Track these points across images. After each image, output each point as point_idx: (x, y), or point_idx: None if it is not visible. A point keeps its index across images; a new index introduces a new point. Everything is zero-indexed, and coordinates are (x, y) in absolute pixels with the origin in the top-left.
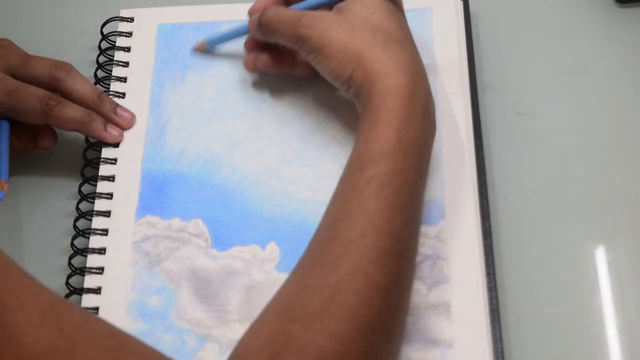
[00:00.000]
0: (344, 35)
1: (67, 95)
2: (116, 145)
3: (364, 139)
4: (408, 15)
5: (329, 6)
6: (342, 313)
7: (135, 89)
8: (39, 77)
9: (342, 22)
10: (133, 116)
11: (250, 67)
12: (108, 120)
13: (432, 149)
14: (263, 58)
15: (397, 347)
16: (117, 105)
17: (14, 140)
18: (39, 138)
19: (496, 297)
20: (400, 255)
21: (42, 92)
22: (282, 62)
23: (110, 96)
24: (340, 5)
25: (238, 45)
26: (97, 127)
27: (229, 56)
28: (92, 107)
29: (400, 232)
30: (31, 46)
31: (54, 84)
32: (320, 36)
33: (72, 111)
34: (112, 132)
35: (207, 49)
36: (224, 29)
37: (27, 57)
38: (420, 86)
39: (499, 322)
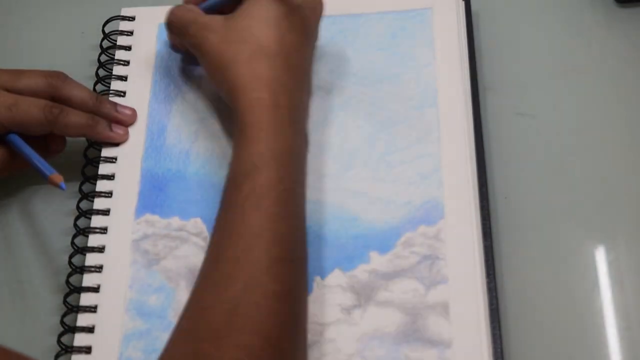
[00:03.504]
0: (217, 45)
1: (66, 102)
2: (116, 144)
3: (236, 158)
4: (409, 15)
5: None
6: (248, 325)
7: (136, 88)
8: (34, 87)
9: (221, 31)
10: (134, 112)
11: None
12: (110, 119)
13: (307, 161)
14: None
15: (303, 353)
16: (115, 104)
17: None
18: (50, 143)
19: (496, 297)
20: (290, 261)
21: (42, 102)
22: None
23: (111, 94)
24: (236, 10)
25: None
26: (103, 128)
27: None
28: (93, 110)
29: (287, 239)
30: (32, 45)
31: (52, 92)
32: (200, 45)
33: (76, 117)
34: (119, 131)
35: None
36: None
37: (17, 72)
38: (283, 99)
39: (498, 322)
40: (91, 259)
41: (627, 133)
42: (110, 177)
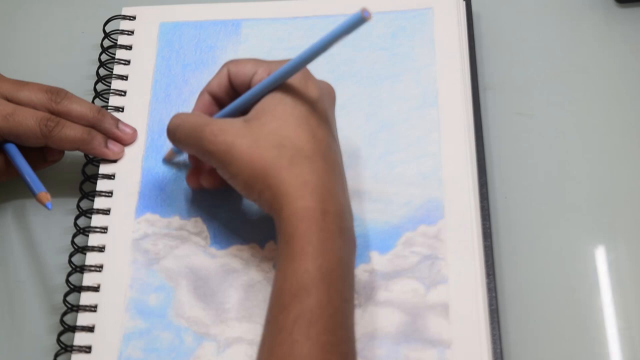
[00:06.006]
0: (249, 151)
1: (66, 116)
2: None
3: (282, 273)
4: (409, 15)
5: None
6: None
7: (136, 87)
8: (35, 99)
9: (248, 135)
10: (134, 131)
11: (193, 185)
12: (109, 135)
13: (354, 267)
14: (208, 179)
15: None
16: (118, 120)
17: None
18: (47, 153)
19: (496, 297)
20: None
21: (40, 114)
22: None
23: (111, 94)
24: (250, 113)
25: None
26: (98, 144)
27: (229, 57)
28: (93, 122)
29: None
30: (32, 45)
31: (52, 105)
32: (225, 152)
33: (72, 131)
34: (114, 148)
35: (174, 156)
36: None
37: (19, 83)
38: (331, 204)
39: (498, 322)
40: (91, 258)
41: (627, 133)
42: (111, 177)
